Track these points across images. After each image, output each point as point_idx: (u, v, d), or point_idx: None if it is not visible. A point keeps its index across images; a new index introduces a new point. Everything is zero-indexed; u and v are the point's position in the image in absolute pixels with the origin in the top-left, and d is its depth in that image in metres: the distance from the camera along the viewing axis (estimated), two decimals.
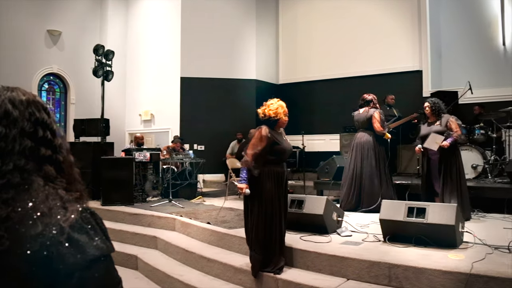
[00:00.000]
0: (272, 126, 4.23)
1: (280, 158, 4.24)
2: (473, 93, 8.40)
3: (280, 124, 4.29)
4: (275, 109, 4.21)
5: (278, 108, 4.22)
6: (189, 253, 5.30)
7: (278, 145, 4.15)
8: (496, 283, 3.30)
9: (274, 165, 4.15)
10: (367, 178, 6.57)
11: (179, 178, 8.46)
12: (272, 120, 4.21)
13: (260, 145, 4.05)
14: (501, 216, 5.98)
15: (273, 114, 4.19)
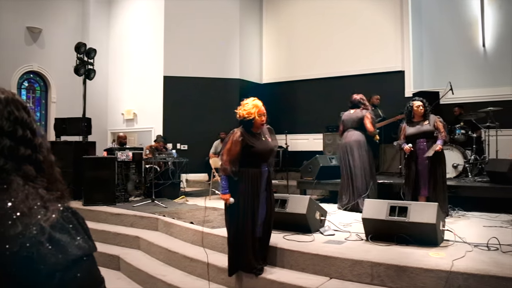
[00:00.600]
0: (248, 127, 4.10)
1: (258, 160, 4.11)
2: (454, 94, 8.53)
3: (256, 125, 4.13)
4: (248, 109, 4.08)
5: (252, 108, 4.08)
6: (172, 253, 5.28)
7: (252, 148, 4.03)
8: (475, 280, 3.36)
9: (250, 167, 4.06)
10: (358, 176, 6.60)
11: (162, 178, 8.42)
12: (246, 120, 4.08)
13: (234, 150, 3.99)
14: (481, 215, 6.08)
15: (246, 115, 4.06)
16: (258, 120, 4.10)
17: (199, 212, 6.78)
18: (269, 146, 4.22)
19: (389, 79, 10.87)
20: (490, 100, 8.85)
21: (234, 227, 4.05)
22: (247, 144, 4.02)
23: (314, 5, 12.18)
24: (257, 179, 4.08)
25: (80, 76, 8.86)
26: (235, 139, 4.01)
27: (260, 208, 4.11)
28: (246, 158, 4.04)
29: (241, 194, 4.00)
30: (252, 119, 4.07)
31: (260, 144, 4.12)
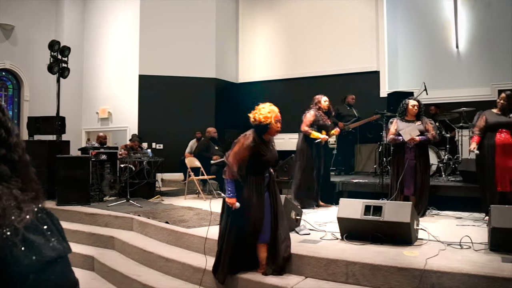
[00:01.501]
0: (262, 132, 3.95)
1: (263, 168, 4.00)
2: (428, 94, 8.66)
3: (271, 131, 3.99)
4: (265, 113, 3.91)
5: (269, 113, 3.93)
6: (147, 253, 5.22)
7: (262, 156, 3.91)
8: (448, 278, 3.41)
9: (255, 174, 3.93)
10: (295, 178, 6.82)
11: (137, 177, 8.33)
12: (262, 125, 3.92)
13: (242, 155, 3.85)
14: (454, 213, 6.20)
15: (263, 119, 3.89)
16: (274, 126, 3.95)
17: (174, 211, 6.73)
18: (275, 155, 4.14)
19: (364, 79, 10.99)
20: (464, 101, 9.02)
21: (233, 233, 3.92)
22: (258, 151, 3.89)
23: (290, 5, 12.23)
24: (260, 186, 3.94)
25: (54, 74, 8.69)
26: (246, 144, 3.85)
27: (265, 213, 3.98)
28: (253, 165, 3.91)
29: (245, 201, 3.86)
30: (268, 124, 3.91)
31: (270, 153, 4.01)
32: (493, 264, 3.59)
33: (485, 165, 5.56)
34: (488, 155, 5.52)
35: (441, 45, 10.50)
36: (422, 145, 5.96)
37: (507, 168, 5.39)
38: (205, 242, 4.42)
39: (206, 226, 5.51)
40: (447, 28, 10.42)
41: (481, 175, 5.64)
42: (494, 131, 5.53)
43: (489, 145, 5.52)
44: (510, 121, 5.49)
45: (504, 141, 5.43)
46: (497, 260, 3.73)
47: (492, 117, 5.62)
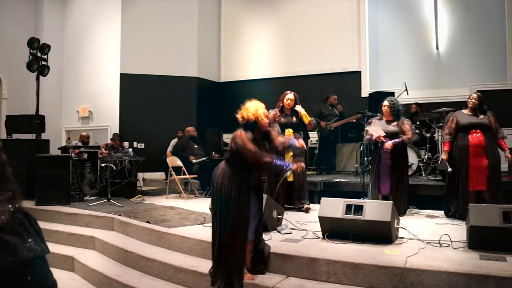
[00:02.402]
0: (251, 130, 3.83)
1: (251, 166, 3.83)
2: (409, 94, 8.77)
3: (260, 128, 3.86)
4: (253, 110, 3.81)
5: (258, 110, 3.83)
6: (128, 253, 5.18)
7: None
8: (428, 276, 3.46)
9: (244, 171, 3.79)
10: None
11: (118, 177, 8.26)
12: (251, 122, 3.81)
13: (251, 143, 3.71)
14: (434, 212, 6.27)
15: (252, 116, 3.79)
16: (262, 122, 3.85)
17: (156, 211, 6.69)
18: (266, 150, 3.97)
19: (346, 79, 11.07)
20: (443, 101, 9.15)
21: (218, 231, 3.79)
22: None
23: (272, 4, 12.25)
24: (247, 183, 3.82)
25: (33, 72, 8.55)
26: (246, 136, 3.72)
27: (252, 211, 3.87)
28: (243, 162, 3.75)
29: (233, 198, 3.71)
30: (256, 120, 3.82)
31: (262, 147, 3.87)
32: (471, 262, 3.65)
33: (457, 165, 5.63)
34: (461, 156, 5.59)
35: (421, 46, 10.63)
36: (397, 146, 5.93)
37: (481, 168, 5.47)
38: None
39: (188, 225, 5.52)
40: (428, 29, 10.56)
41: (453, 175, 5.71)
42: (466, 132, 5.60)
43: (462, 146, 5.59)
44: (482, 122, 5.57)
45: (477, 142, 5.51)
46: (475, 257, 3.79)
47: (464, 118, 5.69)
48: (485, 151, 5.49)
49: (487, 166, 5.47)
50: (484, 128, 5.56)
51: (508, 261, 3.66)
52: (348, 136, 9.49)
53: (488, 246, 3.97)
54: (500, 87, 9.47)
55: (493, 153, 5.53)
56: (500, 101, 7.99)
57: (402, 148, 6.08)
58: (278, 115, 6.53)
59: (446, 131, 5.86)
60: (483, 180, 5.48)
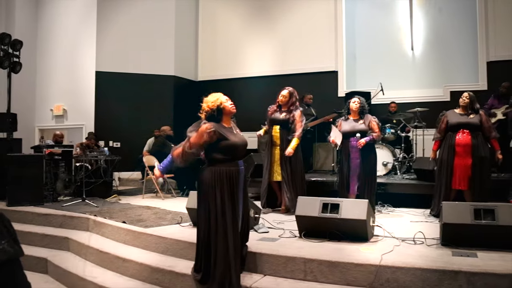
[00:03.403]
0: (218, 119, 3.76)
1: (231, 155, 3.74)
2: (385, 94, 8.87)
3: (227, 113, 3.79)
4: (214, 99, 3.76)
5: (219, 98, 3.77)
6: (104, 253, 5.11)
7: (225, 140, 3.67)
8: (402, 272, 3.51)
9: (225, 163, 3.70)
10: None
11: (94, 176, 8.14)
12: (214, 111, 3.74)
13: (198, 139, 3.64)
14: (408, 210, 6.37)
15: (212, 105, 3.73)
16: (227, 108, 3.79)
17: (132, 211, 6.62)
18: (242, 138, 3.88)
19: (322, 79, 11.14)
20: (418, 101, 9.30)
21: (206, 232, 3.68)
22: (219, 137, 3.66)
23: (250, 4, 12.25)
24: (234, 178, 3.73)
25: (5, 69, 8.37)
26: (202, 129, 3.64)
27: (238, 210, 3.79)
28: (220, 153, 3.69)
29: (218, 195, 3.64)
30: (219, 106, 3.74)
31: (235, 137, 3.79)
32: (444, 258, 3.72)
33: (443, 163, 5.71)
34: (448, 155, 5.67)
35: (397, 47, 10.78)
36: (367, 145, 5.98)
37: (464, 168, 5.55)
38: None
39: (165, 225, 5.47)
40: (403, 31, 10.72)
41: (439, 173, 5.79)
42: (455, 131, 5.67)
43: (450, 145, 5.67)
44: (470, 121, 5.62)
45: (463, 142, 5.57)
46: (447, 254, 3.87)
47: (454, 117, 5.75)
48: (471, 151, 5.53)
49: (471, 166, 5.53)
50: (472, 127, 5.59)
51: (479, 257, 3.74)
52: (325, 135, 9.53)
53: (460, 242, 4.05)
54: (472, 88, 9.63)
55: (479, 153, 5.54)
56: None
57: (371, 147, 6.11)
58: (272, 111, 6.51)
59: (437, 131, 5.93)
60: (465, 180, 5.55)
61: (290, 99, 6.37)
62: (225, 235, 3.62)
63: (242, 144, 3.83)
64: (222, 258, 3.61)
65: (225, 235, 3.62)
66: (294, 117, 6.31)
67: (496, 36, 9.73)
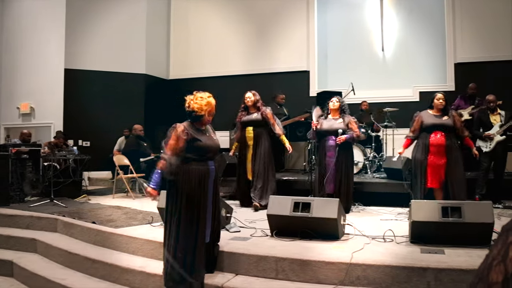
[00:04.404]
0: (194, 121, 3.86)
1: (201, 155, 3.81)
2: (356, 94, 8.98)
3: (203, 122, 3.91)
4: (201, 104, 3.82)
5: (206, 106, 3.85)
6: (73, 255, 5.01)
7: (198, 141, 3.76)
8: (372, 270, 3.57)
9: (196, 163, 3.75)
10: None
11: (62, 176, 7.98)
12: (194, 115, 3.83)
13: (178, 145, 3.70)
14: (378, 209, 6.46)
15: (197, 110, 3.81)
16: (205, 119, 3.89)
17: (102, 211, 6.52)
18: (215, 142, 3.98)
19: (294, 78, 11.19)
20: (388, 101, 9.44)
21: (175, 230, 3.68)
22: (192, 138, 3.76)
23: (224, 3, 12.20)
24: (204, 178, 3.79)
25: None
26: (178, 133, 3.72)
27: (208, 211, 3.84)
28: (191, 153, 3.75)
29: (187, 193, 3.68)
30: (201, 115, 3.84)
31: (207, 139, 3.88)
32: (413, 255, 3.79)
33: (418, 163, 5.81)
34: (421, 155, 5.77)
35: (368, 48, 10.92)
36: (344, 143, 6.06)
37: (438, 167, 5.66)
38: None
39: (135, 225, 5.41)
40: (374, 31, 10.85)
41: (414, 173, 5.89)
42: (429, 132, 5.77)
43: (424, 145, 5.77)
44: (445, 123, 5.73)
45: (437, 142, 5.68)
46: (416, 251, 3.95)
47: (428, 118, 5.84)
48: (445, 151, 5.65)
49: (444, 166, 5.64)
50: (446, 129, 5.70)
51: (446, 253, 3.83)
52: (297, 135, 9.59)
53: (429, 239, 4.13)
54: (440, 88, 9.84)
55: (452, 153, 5.66)
56: None
57: (347, 145, 6.19)
58: (242, 115, 6.58)
59: (411, 130, 6.00)
60: (437, 179, 5.66)
61: (255, 98, 6.58)
62: (192, 235, 3.66)
63: (213, 146, 3.93)
64: (189, 258, 3.64)
65: (191, 234, 3.66)
66: (266, 115, 6.46)
67: (463, 39, 9.96)
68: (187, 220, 3.67)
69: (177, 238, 3.67)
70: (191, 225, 3.68)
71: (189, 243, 3.67)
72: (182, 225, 3.67)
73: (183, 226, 3.67)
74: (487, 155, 6.63)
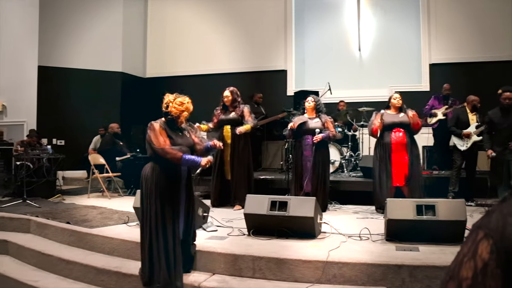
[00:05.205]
0: (169, 120, 3.86)
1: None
2: (332, 94, 9.04)
3: (178, 123, 3.91)
4: (179, 109, 3.83)
5: (184, 111, 3.86)
6: (46, 256, 4.91)
7: (170, 139, 3.77)
8: (349, 268, 3.60)
9: (166, 161, 3.73)
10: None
11: (35, 176, 7.82)
12: (169, 117, 3.84)
13: (161, 136, 3.70)
14: (355, 207, 6.52)
15: (173, 113, 3.81)
16: (179, 121, 3.90)
17: (76, 211, 6.42)
18: (188, 141, 3.96)
19: (272, 78, 11.21)
20: (364, 101, 9.53)
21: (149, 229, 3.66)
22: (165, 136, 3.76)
23: (201, 2, 12.14)
24: (176, 176, 3.80)
25: None
26: (158, 129, 3.73)
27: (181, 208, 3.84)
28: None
29: (158, 191, 3.67)
30: (176, 118, 3.85)
31: (180, 138, 3.87)
32: (388, 253, 3.84)
33: (382, 162, 5.90)
34: (384, 153, 5.86)
35: (345, 48, 11.01)
36: (321, 142, 6.09)
37: (401, 165, 5.78)
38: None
39: (111, 225, 5.34)
40: (351, 32, 10.95)
41: (378, 171, 5.97)
42: (389, 131, 5.89)
43: (385, 144, 5.88)
44: (403, 120, 5.88)
45: (399, 140, 5.81)
46: (392, 249, 4.00)
47: (388, 117, 5.97)
48: (406, 149, 5.80)
49: (407, 163, 5.77)
50: (405, 126, 5.88)
51: (421, 250, 3.90)
52: (274, 134, 9.62)
53: (404, 237, 4.19)
54: (415, 88, 10.04)
55: (413, 151, 5.87)
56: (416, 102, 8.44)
57: (324, 144, 6.23)
58: (219, 113, 6.55)
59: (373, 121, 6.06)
60: (403, 176, 5.78)
61: (233, 97, 6.52)
62: (165, 235, 3.66)
63: (186, 146, 3.91)
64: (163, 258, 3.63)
65: (164, 234, 3.65)
66: (244, 113, 6.47)
67: (437, 40, 10.14)
68: (162, 220, 3.66)
69: (152, 237, 3.66)
70: (167, 224, 3.68)
71: (165, 243, 3.66)
72: (157, 225, 3.66)
73: (159, 226, 3.66)
74: (460, 154, 6.76)
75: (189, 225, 3.96)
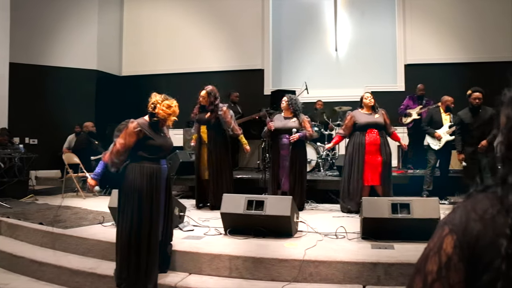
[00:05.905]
0: (152, 120, 3.84)
1: (154, 154, 3.80)
2: (309, 93, 9.09)
3: (161, 125, 3.90)
4: (166, 112, 3.80)
5: (170, 115, 3.83)
6: (17, 258, 4.79)
7: (151, 140, 3.75)
8: (325, 266, 3.62)
9: (148, 161, 3.75)
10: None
11: (6, 175, 7.64)
12: (155, 119, 3.81)
13: (128, 141, 3.67)
14: (331, 206, 6.56)
15: (160, 115, 3.78)
16: (163, 124, 3.90)
17: (50, 211, 6.28)
18: (168, 141, 3.98)
19: (249, 77, 11.20)
20: (341, 100, 9.60)
21: (127, 229, 3.62)
22: (144, 135, 3.74)
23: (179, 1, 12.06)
24: (156, 176, 3.76)
25: None
26: (130, 129, 3.69)
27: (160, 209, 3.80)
28: (144, 151, 3.74)
29: (138, 191, 3.64)
30: (161, 120, 3.84)
31: (160, 138, 3.85)
32: (364, 251, 3.89)
33: (354, 162, 5.95)
34: (357, 153, 5.92)
35: (322, 48, 11.08)
36: (297, 141, 6.12)
37: (375, 165, 5.85)
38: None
39: (86, 225, 5.26)
40: (328, 32, 11.02)
41: (349, 170, 6.02)
42: (363, 131, 5.95)
43: (359, 144, 5.93)
44: (378, 121, 5.96)
45: (373, 141, 5.89)
46: (367, 247, 4.04)
47: (361, 117, 6.02)
48: (379, 149, 5.87)
49: (381, 163, 5.85)
50: (379, 127, 5.97)
51: (396, 248, 3.95)
52: (251, 133, 9.59)
53: (379, 235, 4.24)
54: (391, 88, 10.16)
55: (386, 151, 5.98)
56: (391, 101, 8.56)
57: (301, 144, 6.26)
58: (196, 112, 6.47)
59: (342, 128, 6.19)
60: (376, 176, 5.86)
61: (209, 98, 6.34)
62: (145, 234, 3.63)
63: (166, 145, 3.94)
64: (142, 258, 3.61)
65: (144, 233, 3.63)
66: (222, 114, 6.31)
67: (413, 41, 10.28)
68: (140, 219, 3.63)
69: (131, 238, 3.62)
70: (144, 224, 3.64)
71: (142, 243, 3.63)
72: (134, 225, 3.62)
73: (135, 226, 3.62)
74: (434, 153, 6.87)
75: (167, 225, 3.94)
